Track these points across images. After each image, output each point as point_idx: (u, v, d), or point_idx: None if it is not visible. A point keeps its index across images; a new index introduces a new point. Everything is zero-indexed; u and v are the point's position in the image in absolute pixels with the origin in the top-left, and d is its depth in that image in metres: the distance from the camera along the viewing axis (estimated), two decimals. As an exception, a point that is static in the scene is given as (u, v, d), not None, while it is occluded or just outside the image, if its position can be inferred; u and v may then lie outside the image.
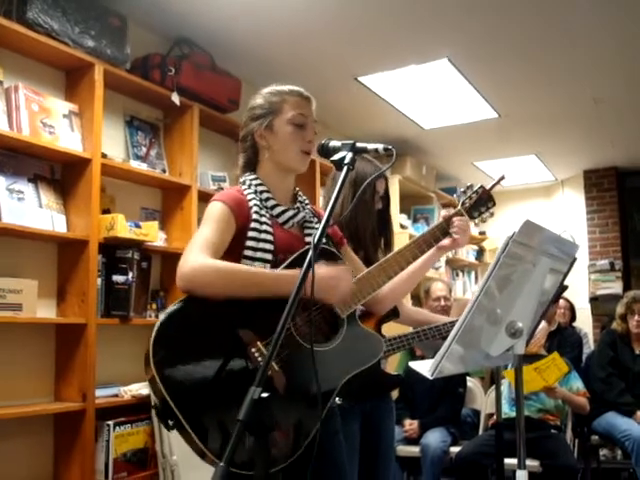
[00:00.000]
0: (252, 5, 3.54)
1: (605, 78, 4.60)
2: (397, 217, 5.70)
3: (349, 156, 1.81)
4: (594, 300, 6.81)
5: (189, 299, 1.72)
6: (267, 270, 1.80)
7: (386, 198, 2.68)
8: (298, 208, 2.05)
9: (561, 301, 5.71)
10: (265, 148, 2.01)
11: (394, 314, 2.56)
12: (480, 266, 7.77)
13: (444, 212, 2.20)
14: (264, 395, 1.36)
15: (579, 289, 6.97)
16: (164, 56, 3.68)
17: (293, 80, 4.66)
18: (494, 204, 2.25)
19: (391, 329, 2.58)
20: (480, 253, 7.64)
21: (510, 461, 3.68)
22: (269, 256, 1.88)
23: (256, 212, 1.92)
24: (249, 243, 1.88)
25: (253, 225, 1.90)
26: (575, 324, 6.05)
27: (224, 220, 1.86)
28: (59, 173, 3.25)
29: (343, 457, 2.05)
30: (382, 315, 2.37)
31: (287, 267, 1.84)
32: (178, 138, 3.84)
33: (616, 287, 6.71)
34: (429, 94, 4.87)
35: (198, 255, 1.75)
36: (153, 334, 1.64)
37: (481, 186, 2.23)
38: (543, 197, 7.67)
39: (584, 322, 6.46)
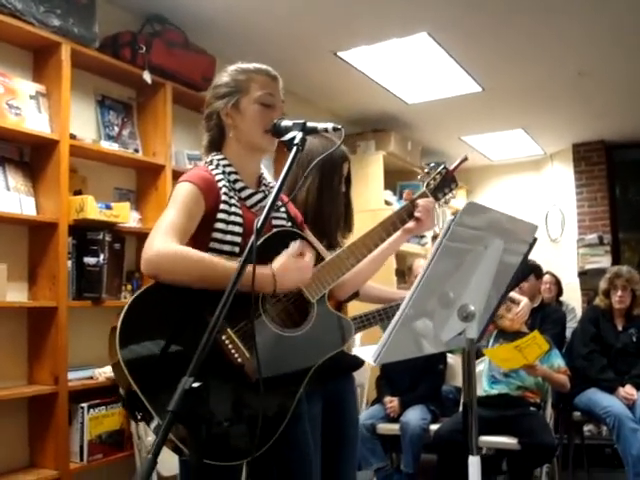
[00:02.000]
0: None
1: (590, 51, 4.54)
2: (381, 193, 5.67)
3: (299, 136, 1.77)
4: (583, 274, 6.78)
5: (157, 284, 1.68)
6: (230, 263, 1.72)
7: (348, 180, 2.64)
8: (264, 191, 2.02)
9: (546, 276, 5.69)
10: (231, 127, 1.95)
11: (354, 294, 2.53)
12: (469, 241, 7.73)
13: (408, 192, 2.16)
14: (195, 385, 1.33)
15: (568, 263, 6.96)
16: (135, 34, 3.62)
17: (271, 56, 4.59)
18: (457, 185, 2.21)
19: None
20: (469, 228, 7.60)
21: (485, 438, 3.71)
22: (238, 239, 1.85)
23: (225, 194, 1.87)
24: (218, 225, 1.84)
25: (222, 207, 1.85)
26: (563, 299, 6.04)
27: (193, 201, 1.81)
28: (28, 155, 3.21)
29: (308, 441, 2.03)
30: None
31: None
32: (151, 117, 3.79)
33: (605, 261, 6.68)
34: (411, 68, 4.80)
35: (164, 240, 1.69)
36: (120, 319, 1.60)
37: (444, 167, 2.19)
38: (532, 171, 7.61)
39: (572, 297, 6.44)
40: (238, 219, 1.86)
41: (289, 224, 2.02)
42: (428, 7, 3.86)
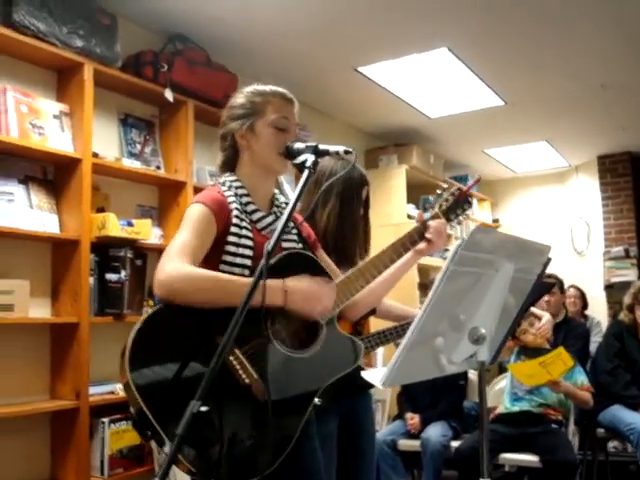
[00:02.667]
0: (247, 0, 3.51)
1: (612, 63, 4.51)
2: (404, 207, 5.66)
3: (311, 159, 1.80)
4: (609, 288, 6.70)
5: (167, 305, 1.70)
6: (243, 280, 1.75)
7: (366, 203, 2.66)
8: (275, 213, 2.03)
9: (571, 289, 5.65)
10: (245, 149, 1.98)
11: (371, 311, 2.55)
12: (494, 254, 7.68)
13: (419, 213, 2.16)
14: (203, 409, 1.34)
15: (594, 276, 6.88)
16: (157, 53, 3.67)
17: (292, 73, 4.69)
18: (470, 205, 2.21)
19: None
20: (494, 241, 7.55)
21: (507, 456, 3.68)
22: (248, 262, 1.86)
23: (236, 216, 1.89)
24: (229, 248, 1.85)
25: (233, 230, 1.87)
26: (589, 312, 5.98)
27: (204, 223, 1.83)
28: (52, 174, 3.26)
29: (318, 461, 2.03)
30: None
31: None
32: (173, 134, 3.83)
33: (631, 274, 6.60)
34: (432, 83, 4.80)
35: (176, 262, 1.71)
36: (130, 341, 1.63)
37: (458, 188, 2.20)
38: (557, 183, 7.55)
39: (599, 310, 6.37)
40: (248, 242, 1.88)
41: (300, 246, 2.03)
42: (448, 23, 3.87)
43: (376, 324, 2.74)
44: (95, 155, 3.28)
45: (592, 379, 4.12)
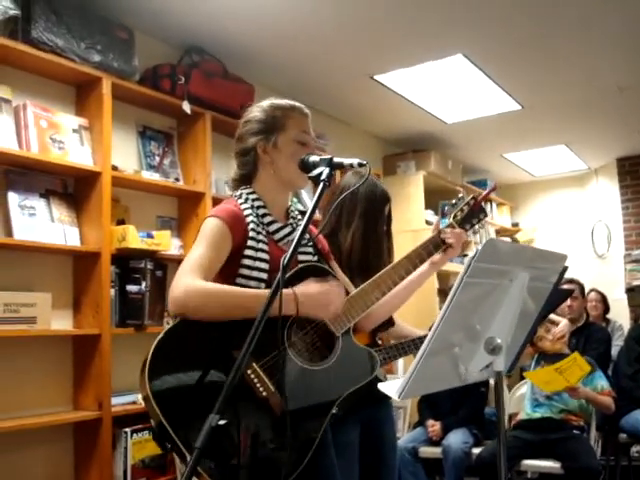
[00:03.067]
0: (263, 10, 3.54)
1: (628, 66, 4.48)
2: (422, 213, 5.66)
3: (326, 172, 1.81)
4: (630, 291, 6.63)
5: (184, 320, 1.73)
6: (256, 292, 1.78)
7: (388, 219, 2.66)
8: (292, 225, 2.05)
9: (592, 294, 5.62)
10: (268, 164, 2.00)
11: (389, 323, 2.56)
12: (514, 258, 7.64)
13: (436, 223, 2.17)
14: (222, 422, 1.36)
15: (615, 280, 6.82)
16: (174, 65, 3.72)
17: (307, 82, 4.71)
18: (486, 215, 2.21)
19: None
20: (513, 245, 7.53)
21: (529, 462, 3.67)
22: (264, 275, 1.88)
23: (253, 229, 1.91)
24: (245, 262, 1.87)
25: (250, 243, 1.89)
26: (610, 316, 5.94)
27: (220, 237, 1.85)
28: (72, 187, 3.31)
29: (335, 471, 2.05)
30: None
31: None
32: (191, 146, 3.87)
33: (653, 277, 6.55)
34: (449, 89, 4.80)
35: (190, 278, 1.74)
36: (149, 355, 1.66)
37: (473, 197, 2.20)
38: (577, 186, 7.51)
39: (621, 314, 6.31)
40: (264, 255, 1.89)
41: (315, 258, 2.05)
42: (462, 29, 3.87)
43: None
44: (114, 168, 3.32)
45: (614, 383, 4.10)
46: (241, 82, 4.07)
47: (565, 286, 4.72)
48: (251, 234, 1.90)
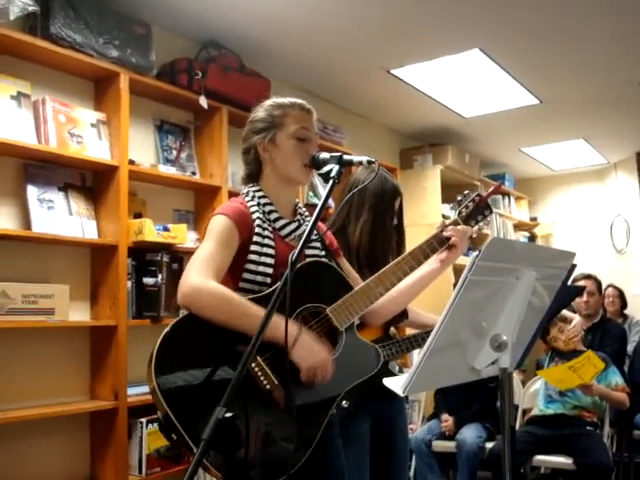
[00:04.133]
0: (280, 4, 3.55)
1: (648, 61, 4.45)
2: (439, 207, 5.65)
3: (335, 169, 1.83)
4: (650, 286, 6.60)
5: (190, 315, 1.77)
6: (259, 309, 1.76)
7: (399, 213, 2.68)
8: (299, 221, 2.08)
9: (609, 289, 5.60)
10: (268, 161, 2.04)
11: (402, 316, 2.59)
12: (532, 253, 7.61)
13: (442, 222, 2.18)
14: (228, 415, 1.39)
15: (634, 275, 6.77)
16: (191, 60, 3.74)
17: (323, 76, 4.72)
18: (491, 212, 2.21)
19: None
20: (531, 239, 7.50)
21: (541, 458, 3.68)
22: (270, 270, 1.92)
23: (259, 225, 1.95)
24: (251, 257, 1.91)
25: (256, 239, 1.93)
26: (629, 311, 5.90)
27: (227, 234, 1.89)
28: (90, 181, 3.35)
29: (341, 463, 2.08)
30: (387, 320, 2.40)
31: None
32: (208, 140, 3.90)
33: (673, 273, 6.49)
34: (466, 83, 4.79)
35: (200, 275, 1.77)
36: (156, 348, 1.71)
37: (478, 194, 2.20)
38: (596, 181, 7.45)
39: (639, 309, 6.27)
40: (270, 251, 1.93)
41: (323, 253, 2.08)
42: (478, 24, 3.86)
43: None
44: (132, 162, 3.36)
45: (629, 379, 4.08)
46: (257, 76, 4.09)
47: (582, 282, 4.71)
48: (257, 230, 1.94)
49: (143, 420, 3.32)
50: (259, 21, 3.75)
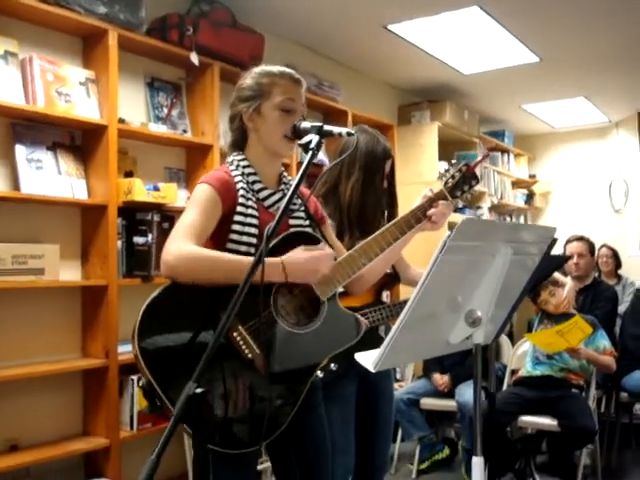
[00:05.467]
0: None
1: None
2: (436, 165, 5.60)
3: (315, 140, 1.82)
4: (646, 247, 6.60)
5: (173, 283, 1.79)
6: (244, 259, 1.80)
7: (391, 176, 2.69)
8: (283, 190, 2.07)
9: (603, 249, 5.60)
10: (252, 130, 2.03)
11: (394, 279, 2.62)
12: (530, 210, 7.62)
13: (425, 192, 2.17)
14: (198, 391, 1.41)
15: (631, 236, 6.77)
16: (182, 16, 3.68)
17: (320, 31, 4.63)
18: (478, 181, 2.19)
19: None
20: (530, 197, 7.49)
21: (526, 418, 3.73)
22: (254, 240, 1.92)
23: (242, 195, 1.95)
24: (235, 227, 1.92)
25: (239, 209, 1.93)
26: (624, 272, 5.91)
27: (210, 204, 1.89)
28: (79, 139, 3.33)
29: (324, 430, 2.12)
30: (380, 283, 2.42)
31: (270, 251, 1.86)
32: (200, 97, 3.86)
33: (669, 233, 6.48)
34: (464, 40, 4.71)
35: (181, 242, 1.79)
36: (139, 316, 1.73)
37: (465, 164, 2.18)
38: (597, 139, 7.37)
39: (635, 270, 6.28)
40: (254, 220, 1.93)
41: (307, 222, 2.07)
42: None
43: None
44: (121, 121, 3.33)
45: (620, 342, 4.11)
46: (250, 32, 4.02)
47: (573, 243, 4.71)
48: (241, 200, 1.93)
49: (134, 377, 3.37)
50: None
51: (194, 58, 3.66)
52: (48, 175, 3.10)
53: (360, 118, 5.04)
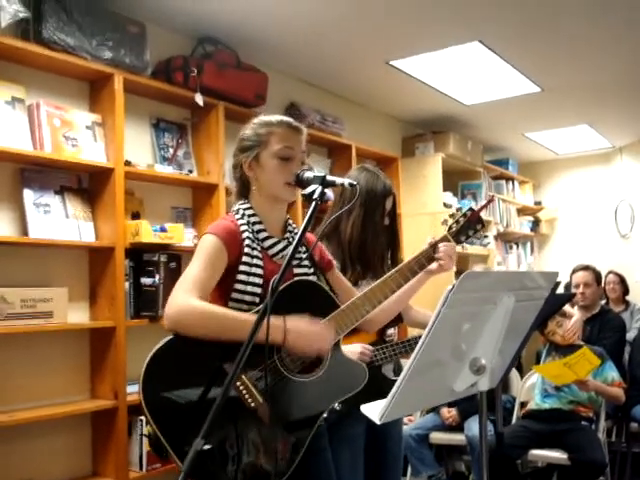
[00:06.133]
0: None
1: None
2: (440, 196, 5.63)
3: (318, 190, 1.85)
4: (654, 272, 6.58)
5: (177, 335, 1.82)
6: (247, 317, 1.82)
7: (393, 213, 2.72)
8: (288, 239, 2.10)
9: (610, 275, 5.60)
10: (253, 179, 2.07)
11: (398, 319, 2.63)
12: (536, 237, 7.62)
13: (430, 239, 2.18)
14: (206, 447, 1.43)
15: (638, 261, 6.76)
16: (186, 57, 3.74)
17: (323, 68, 4.69)
18: (483, 225, 2.21)
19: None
20: (535, 224, 7.49)
21: (536, 452, 3.71)
22: (258, 289, 1.95)
23: (248, 245, 1.98)
24: (240, 277, 1.95)
25: (245, 259, 1.96)
26: (632, 298, 5.90)
27: (216, 255, 1.92)
28: (86, 182, 3.37)
29: (327, 474, 2.12)
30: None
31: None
32: (205, 136, 3.91)
33: (676, 259, 6.47)
34: (466, 73, 4.75)
35: (186, 296, 1.82)
36: (142, 370, 1.77)
37: (470, 208, 2.20)
38: (601, 165, 7.38)
39: (643, 295, 6.27)
40: (259, 270, 1.96)
41: (311, 271, 2.10)
42: (477, 16, 3.81)
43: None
44: (128, 163, 3.37)
45: (629, 371, 4.09)
46: (254, 71, 4.07)
47: (579, 272, 4.71)
48: (246, 250, 1.97)
49: (143, 418, 3.37)
50: (256, 13, 3.70)
51: (199, 99, 3.71)
52: (56, 219, 3.14)
53: (364, 152, 5.09)
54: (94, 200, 3.34)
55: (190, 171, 3.82)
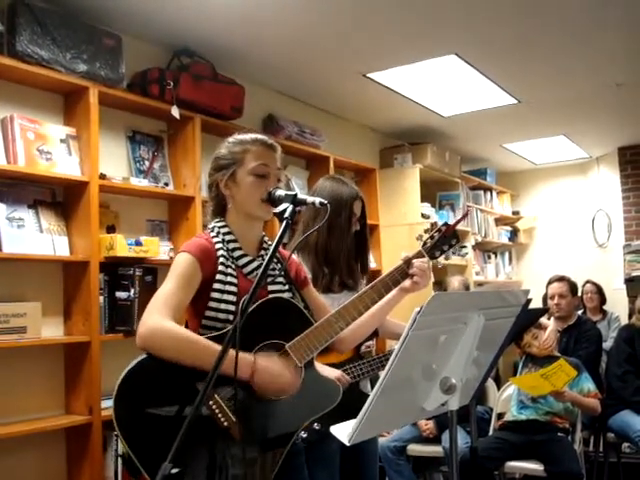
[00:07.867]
0: (251, 10, 3.50)
1: (626, 63, 4.45)
2: (418, 207, 5.65)
3: (289, 209, 1.85)
4: (629, 281, 6.62)
5: (149, 355, 1.81)
6: (217, 348, 1.77)
7: (363, 219, 2.74)
8: (262, 256, 2.10)
9: (587, 285, 5.65)
10: (229, 198, 2.07)
11: (373, 333, 2.62)
12: (514, 246, 7.67)
13: (404, 255, 2.18)
14: (174, 471, 1.42)
15: (614, 270, 6.82)
16: (162, 70, 3.72)
17: (299, 80, 4.69)
18: (458, 241, 2.21)
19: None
20: (514, 233, 7.54)
21: (512, 464, 3.72)
22: (232, 307, 1.96)
23: (222, 263, 1.98)
24: (214, 295, 1.95)
25: (219, 277, 1.96)
26: (609, 307, 5.96)
27: (190, 273, 1.92)
28: (61, 195, 3.35)
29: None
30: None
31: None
32: (181, 149, 3.90)
33: (652, 268, 6.53)
34: (443, 85, 4.78)
35: (158, 316, 1.81)
36: (115, 391, 1.76)
37: (445, 223, 2.20)
38: (578, 175, 7.47)
39: (620, 304, 6.33)
40: (233, 288, 1.96)
41: (286, 288, 2.09)
42: (454, 30, 3.85)
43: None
44: (102, 176, 3.35)
45: (605, 381, 4.12)
46: (231, 83, 4.07)
47: (555, 284, 4.73)
48: (220, 268, 1.97)
49: (118, 433, 3.34)
50: (232, 26, 3.70)
51: (175, 112, 3.70)
52: (29, 233, 3.11)
53: (342, 163, 5.10)
54: (68, 214, 3.32)
55: (166, 184, 3.80)
